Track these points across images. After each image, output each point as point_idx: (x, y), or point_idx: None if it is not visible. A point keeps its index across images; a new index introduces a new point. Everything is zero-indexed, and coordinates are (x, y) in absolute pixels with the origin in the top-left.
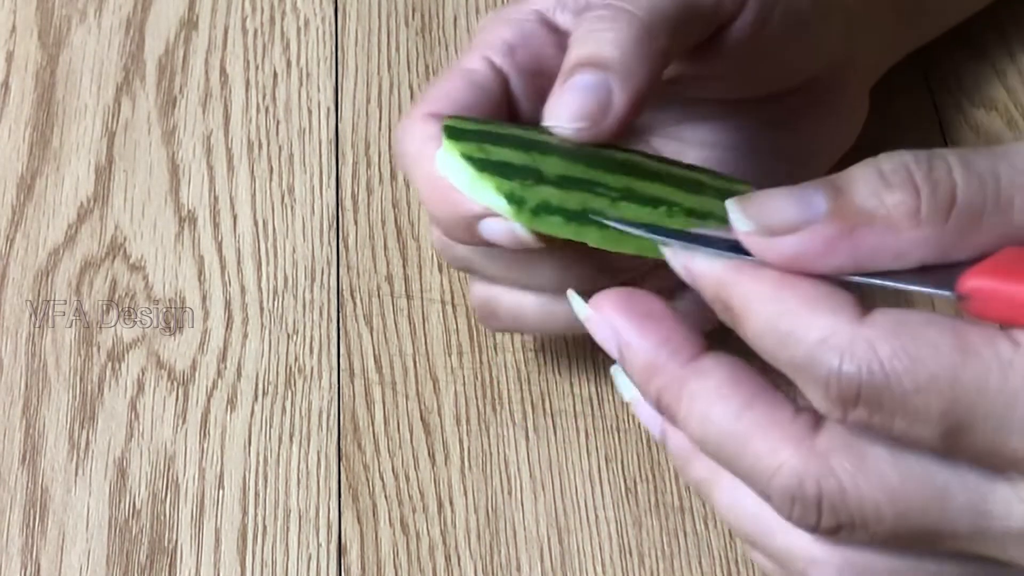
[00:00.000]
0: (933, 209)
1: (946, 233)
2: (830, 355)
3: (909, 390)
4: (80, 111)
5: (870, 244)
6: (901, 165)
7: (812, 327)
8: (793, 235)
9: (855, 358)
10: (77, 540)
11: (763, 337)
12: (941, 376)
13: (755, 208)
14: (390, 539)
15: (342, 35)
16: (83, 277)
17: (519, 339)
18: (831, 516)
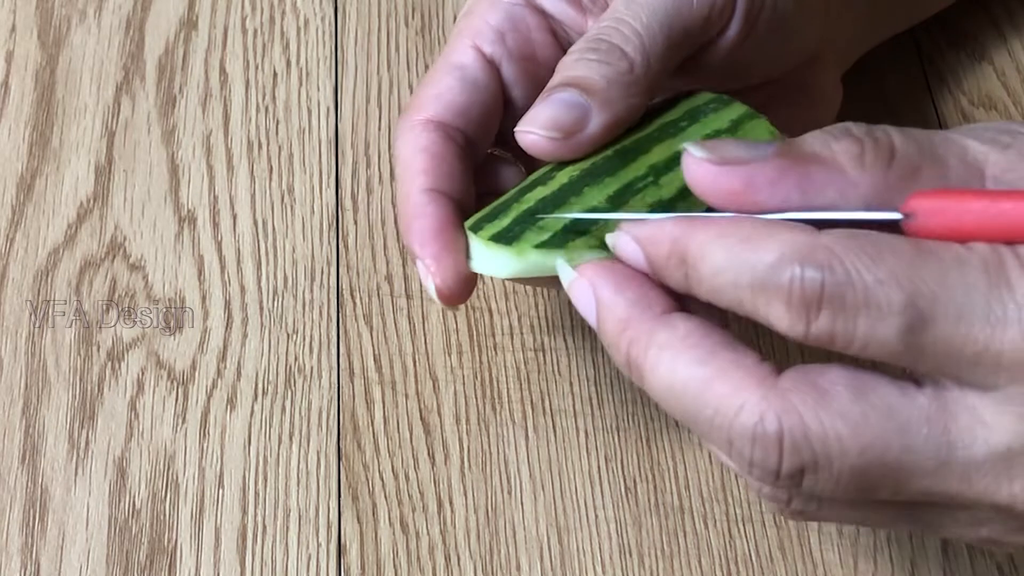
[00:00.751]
0: (875, 155)
1: (888, 178)
2: (792, 263)
3: (870, 283)
4: (80, 111)
5: (818, 179)
6: (844, 127)
7: (770, 245)
8: (745, 165)
9: (816, 261)
10: (77, 540)
11: (722, 272)
12: (900, 269)
13: (710, 144)
14: (390, 539)
15: (342, 35)
16: (83, 277)
17: (519, 339)
18: (793, 456)
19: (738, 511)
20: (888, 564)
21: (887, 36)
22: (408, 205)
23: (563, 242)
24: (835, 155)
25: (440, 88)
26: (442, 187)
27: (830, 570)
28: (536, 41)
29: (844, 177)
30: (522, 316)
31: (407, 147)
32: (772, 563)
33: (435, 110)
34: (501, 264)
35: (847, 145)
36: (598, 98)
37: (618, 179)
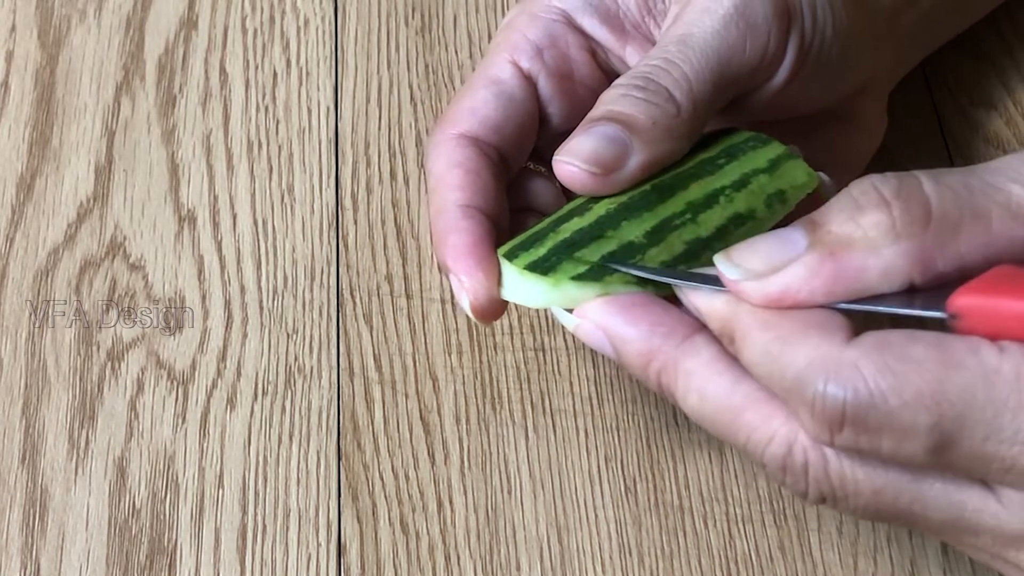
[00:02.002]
0: (908, 222)
1: (926, 244)
2: (816, 378)
3: (895, 407)
4: (80, 111)
5: (854, 267)
6: (870, 187)
7: (800, 352)
8: (778, 274)
9: (840, 379)
10: (77, 539)
11: (758, 364)
12: (926, 391)
13: (740, 256)
14: (390, 538)
15: (342, 35)
16: (83, 277)
17: (519, 339)
18: (816, 485)
19: (738, 511)
20: (888, 564)
21: (921, 59)
22: (442, 219)
23: (600, 276)
24: (866, 233)
25: (476, 102)
26: (477, 203)
27: (830, 570)
28: (574, 60)
29: (879, 257)
30: (522, 316)
31: (441, 161)
32: (772, 563)
33: (470, 125)
34: (535, 294)
35: (876, 217)
36: (641, 137)
37: (656, 215)
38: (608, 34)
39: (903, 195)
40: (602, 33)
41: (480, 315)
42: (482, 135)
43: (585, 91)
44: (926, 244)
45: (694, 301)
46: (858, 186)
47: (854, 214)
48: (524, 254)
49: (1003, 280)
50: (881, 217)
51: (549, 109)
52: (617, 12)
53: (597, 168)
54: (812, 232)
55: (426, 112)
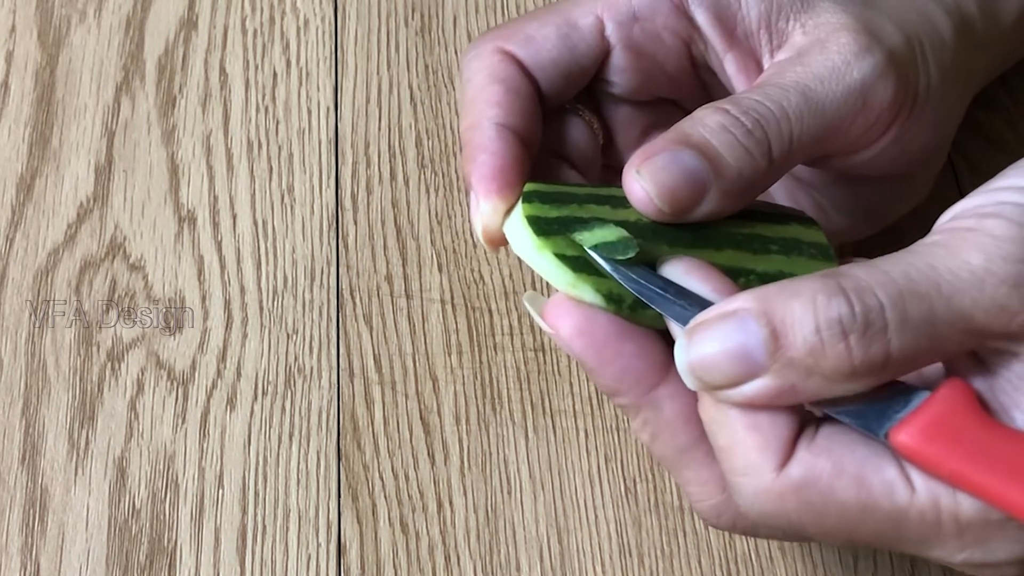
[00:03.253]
0: (867, 367)
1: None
2: (748, 493)
3: (812, 534)
4: (80, 111)
5: (809, 392)
6: (836, 322)
7: (740, 458)
8: (737, 390)
9: (768, 505)
10: (77, 540)
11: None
12: (841, 528)
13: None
14: (389, 539)
15: (342, 35)
16: (83, 277)
17: (519, 339)
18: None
19: None
20: (888, 564)
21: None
22: (476, 135)
23: (579, 269)
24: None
25: (539, 34)
26: (513, 124)
27: (830, 570)
28: (664, 42)
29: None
30: (522, 316)
31: (482, 73)
32: (772, 563)
33: (519, 48)
34: (521, 244)
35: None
36: (722, 187)
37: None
38: (716, 33)
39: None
40: (710, 29)
41: (489, 240)
42: (528, 64)
43: (663, 76)
44: (881, 379)
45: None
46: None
47: (815, 350)
48: (539, 204)
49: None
50: (842, 360)
51: (616, 78)
52: (735, 14)
53: (667, 207)
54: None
55: (426, 112)
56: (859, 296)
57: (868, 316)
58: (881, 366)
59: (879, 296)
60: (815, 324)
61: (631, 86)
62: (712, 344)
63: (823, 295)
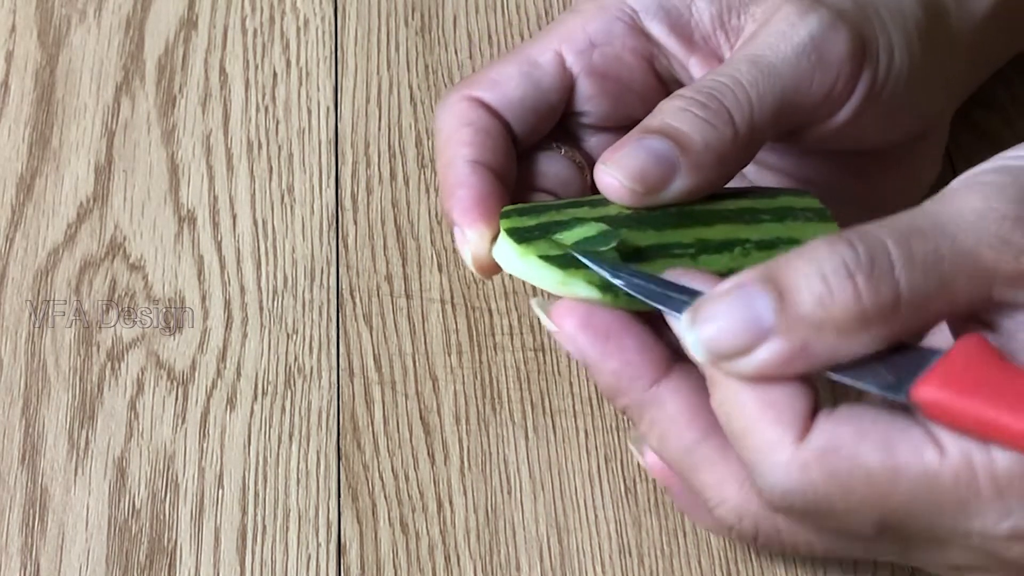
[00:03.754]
0: (878, 310)
1: (894, 328)
2: (768, 471)
3: (841, 510)
4: (80, 111)
5: (822, 350)
6: (841, 265)
7: (756, 436)
8: (747, 358)
9: (790, 479)
10: (77, 540)
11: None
12: (871, 498)
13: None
14: (389, 539)
15: (342, 35)
16: (83, 277)
17: (519, 339)
18: (765, 545)
19: None
20: (888, 564)
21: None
22: (451, 173)
23: (566, 265)
24: (835, 320)
25: (501, 76)
26: (486, 160)
27: (830, 570)
28: (626, 63)
29: (848, 341)
30: (522, 316)
31: (452, 119)
32: (772, 563)
33: (486, 93)
34: (507, 259)
35: (846, 305)
36: (691, 160)
37: (661, 236)
38: (674, 42)
39: (873, 279)
40: (668, 40)
41: (480, 268)
42: (495, 105)
43: (632, 96)
44: (894, 328)
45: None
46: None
47: (823, 297)
48: (517, 217)
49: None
50: (850, 304)
51: (586, 107)
52: (689, 21)
53: (639, 187)
54: (779, 306)
55: (426, 112)
56: (862, 239)
57: (873, 255)
58: (892, 309)
59: (882, 237)
60: (820, 273)
61: (603, 112)
62: (719, 314)
63: (825, 246)
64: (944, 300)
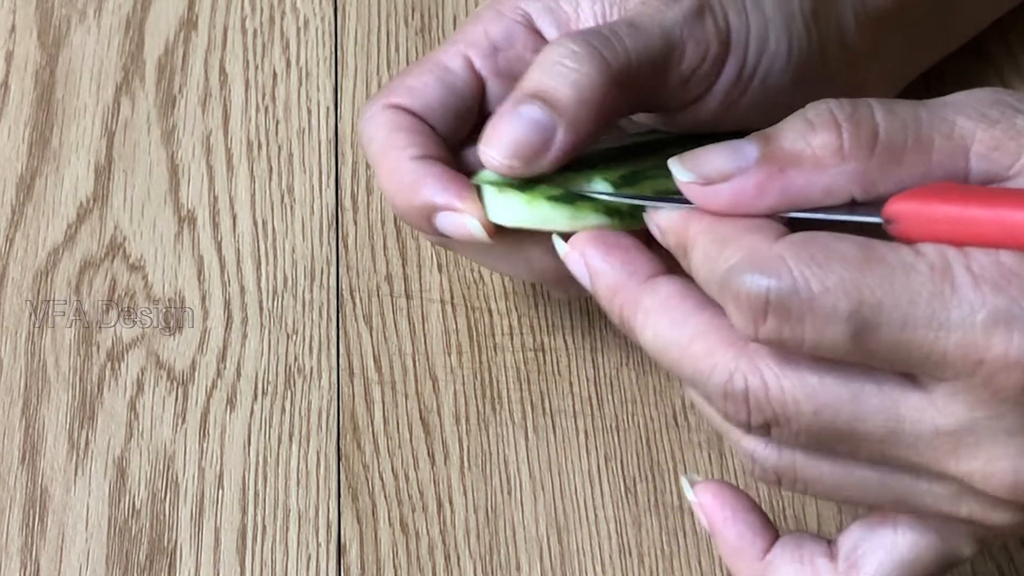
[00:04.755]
0: (856, 145)
1: (870, 167)
2: (744, 270)
3: (816, 293)
4: (80, 111)
5: (800, 183)
6: (825, 110)
7: (733, 249)
8: (728, 182)
9: (765, 269)
10: (77, 540)
11: (700, 267)
12: (847, 278)
13: (693, 162)
14: (389, 539)
15: (342, 35)
16: (83, 277)
17: (519, 339)
18: (757, 412)
19: None
20: None
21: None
22: (401, 175)
23: (573, 200)
24: (814, 151)
25: (417, 82)
26: (433, 155)
27: None
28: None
29: (824, 174)
30: (522, 316)
31: (381, 129)
32: None
33: (406, 100)
34: (512, 212)
35: (826, 138)
36: (565, 118)
37: (633, 165)
38: None
39: (854, 120)
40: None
41: (492, 233)
42: (418, 111)
43: None
44: (870, 168)
45: (656, 220)
46: (814, 108)
47: (806, 133)
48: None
49: (938, 190)
50: (831, 138)
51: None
52: (569, 22)
53: (518, 162)
54: (764, 145)
55: None
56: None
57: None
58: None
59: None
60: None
61: None
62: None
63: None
64: (919, 156)
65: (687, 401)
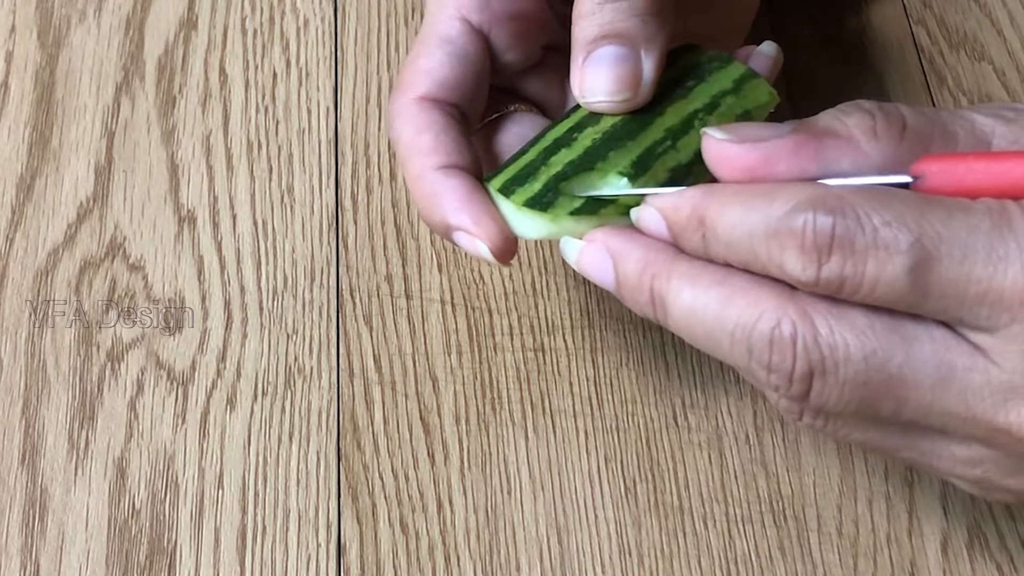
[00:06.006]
0: (887, 129)
1: (900, 150)
2: (805, 209)
3: (879, 225)
4: (80, 111)
5: (832, 153)
6: (855, 104)
7: (784, 195)
8: (763, 142)
9: (828, 207)
10: (76, 540)
11: (739, 224)
12: (908, 211)
13: (729, 128)
14: (389, 539)
15: (342, 35)
16: (83, 277)
17: (519, 339)
18: (804, 359)
19: (738, 511)
20: (888, 564)
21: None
22: (424, 185)
23: (595, 209)
24: (849, 129)
25: (431, 64)
26: (454, 162)
27: (830, 570)
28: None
29: (858, 149)
30: (522, 316)
31: (408, 128)
32: (772, 563)
33: (428, 87)
34: (533, 227)
35: (860, 119)
36: (642, 42)
37: (639, 144)
38: None
39: (883, 110)
40: None
41: (500, 256)
42: (441, 96)
43: (536, 27)
44: (900, 151)
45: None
46: (843, 105)
47: (839, 116)
48: (520, 190)
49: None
50: (864, 120)
51: (508, 57)
52: None
53: (626, 95)
54: (799, 123)
55: None
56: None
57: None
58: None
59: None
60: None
61: (524, 54)
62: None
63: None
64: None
65: (687, 401)
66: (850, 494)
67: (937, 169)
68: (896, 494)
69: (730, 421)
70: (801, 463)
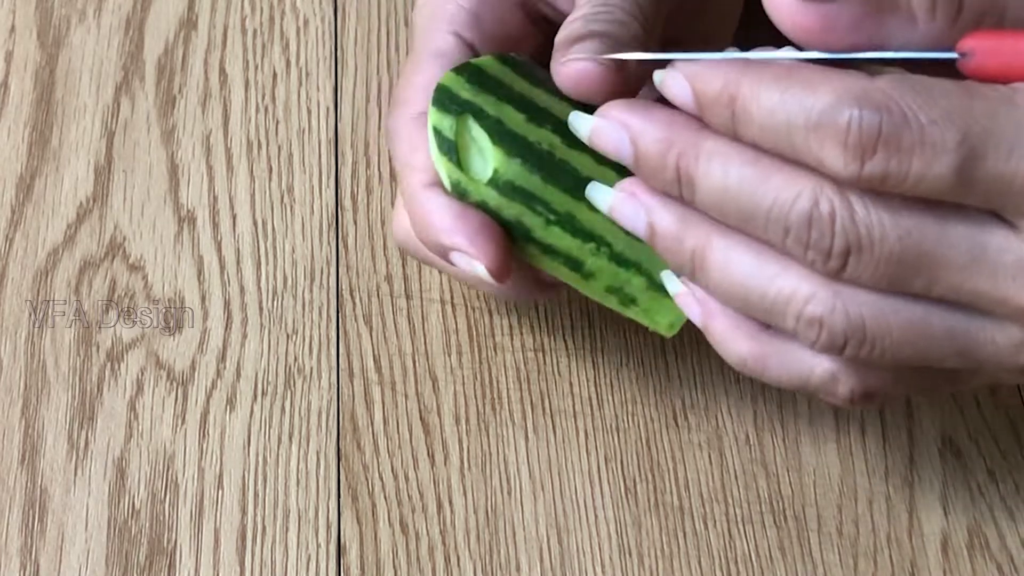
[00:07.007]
0: (946, 10)
1: (953, 29)
2: (851, 105)
3: (925, 123)
4: (79, 111)
5: (889, 27)
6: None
7: (827, 87)
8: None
9: (873, 103)
10: (76, 540)
11: (777, 112)
12: (954, 108)
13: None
14: (389, 539)
15: (342, 35)
16: (82, 277)
17: (519, 339)
18: (842, 235)
19: (738, 511)
20: (888, 564)
21: None
22: (417, 204)
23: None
24: (910, 4)
25: (426, 79)
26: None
27: (830, 570)
28: (508, 22)
29: (915, 26)
30: (522, 316)
31: (404, 144)
32: (772, 563)
33: (424, 103)
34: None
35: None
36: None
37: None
38: None
39: None
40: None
41: (498, 275)
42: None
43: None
44: (955, 28)
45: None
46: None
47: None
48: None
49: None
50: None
51: None
52: None
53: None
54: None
55: None
56: None
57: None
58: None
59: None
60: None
61: None
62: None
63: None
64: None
65: (687, 401)
66: (850, 494)
67: (984, 47)
68: (896, 494)
69: (730, 421)
70: (801, 463)
